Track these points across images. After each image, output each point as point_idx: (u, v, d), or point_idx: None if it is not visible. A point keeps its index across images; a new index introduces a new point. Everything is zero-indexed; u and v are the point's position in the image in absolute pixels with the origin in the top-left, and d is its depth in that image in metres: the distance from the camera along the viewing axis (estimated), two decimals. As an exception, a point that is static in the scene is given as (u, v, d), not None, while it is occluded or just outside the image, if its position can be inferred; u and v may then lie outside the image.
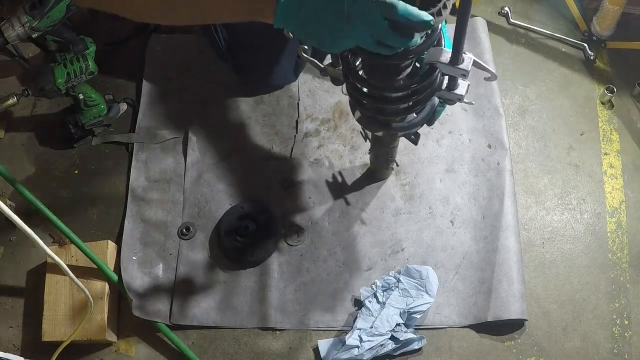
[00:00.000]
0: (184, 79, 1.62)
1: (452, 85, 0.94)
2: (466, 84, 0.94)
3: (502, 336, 1.31)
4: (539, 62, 1.67)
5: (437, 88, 0.95)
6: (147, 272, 1.38)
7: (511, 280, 1.32)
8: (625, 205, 1.47)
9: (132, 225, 1.43)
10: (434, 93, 0.96)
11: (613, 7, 1.58)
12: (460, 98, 0.95)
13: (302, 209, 1.43)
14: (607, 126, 1.57)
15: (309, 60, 1.04)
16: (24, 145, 1.57)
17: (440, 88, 0.95)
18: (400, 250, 1.38)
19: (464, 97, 0.95)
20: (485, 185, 1.44)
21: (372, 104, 0.98)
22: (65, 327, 1.29)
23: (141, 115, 1.58)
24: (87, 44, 1.38)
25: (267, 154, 1.51)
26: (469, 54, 0.86)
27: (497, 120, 1.51)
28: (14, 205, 1.47)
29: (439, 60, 0.86)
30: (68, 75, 1.36)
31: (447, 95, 0.96)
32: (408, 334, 1.26)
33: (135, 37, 1.68)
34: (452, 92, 0.95)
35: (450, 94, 0.95)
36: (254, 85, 1.58)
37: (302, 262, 1.38)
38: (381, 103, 0.96)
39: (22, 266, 1.43)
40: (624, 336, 1.32)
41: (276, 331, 1.33)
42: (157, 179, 1.49)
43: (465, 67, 0.86)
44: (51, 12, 1.20)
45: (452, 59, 0.85)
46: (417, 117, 1.03)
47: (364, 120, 1.06)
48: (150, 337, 1.34)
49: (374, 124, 1.06)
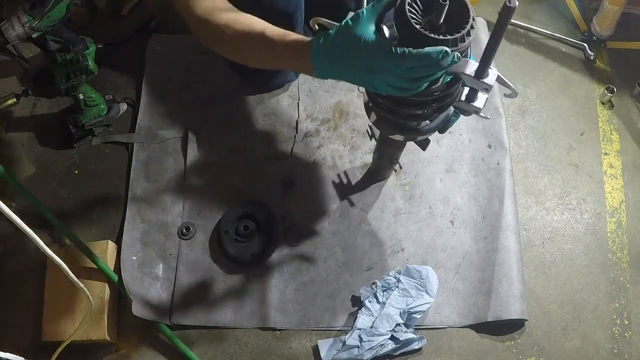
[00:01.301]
0: (184, 79, 1.62)
1: (472, 97, 0.94)
2: (485, 97, 0.93)
3: (502, 336, 1.31)
4: (539, 62, 1.67)
5: (455, 98, 0.95)
6: (147, 272, 1.38)
7: (511, 280, 1.32)
8: (625, 205, 1.47)
9: (132, 225, 1.43)
10: (453, 102, 0.95)
11: (613, 7, 1.59)
12: (477, 111, 0.94)
13: (302, 209, 1.43)
14: (607, 126, 1.57)
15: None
16: (24, 145, 1.57)
17: (459, 98, 0.95)
18: (400, 250, 1.38)
19: (482, 110, 0.94)
20: (485, 185, 1.44)
21: (390, 106, 0.97)
22: (65, 327, 1.28)
23: (141, 115, 1.57)
24: (87, 44, 1.38)
25: (267, 154, 1.51)
26: (494, 69, 0.86)
27: (497, 120, 1.51)
28: (14, 205, 1.47)
29: (464, 71, 0.86)
30: (68, 75, 1.36)
31: (464, 107, 0.95)
32: (408, 334, 1.26)
33: (135, 37, 1.69)
34: (470, 104, 0.94)
35: (468, 105, 0.94)
36: (255, 85, 1.58)
37: (302, 262, 1.38)
38: (400, 107, 0.96)
39: (22, 266, 1.43)
40: (624, 336, 1.32)
41: (276, 331, 1.33)
42: (157, 179, 1.49)
43: (489, 82, 0.86)
44: (51, 12, 1.19)
45: (477, 71, 0.85)
46: (431, 123, 1.03)
47: (380, 122, 1.06)
48: (150, 337, 1.34)
49: (389, 127, 1.05)
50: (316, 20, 0.92)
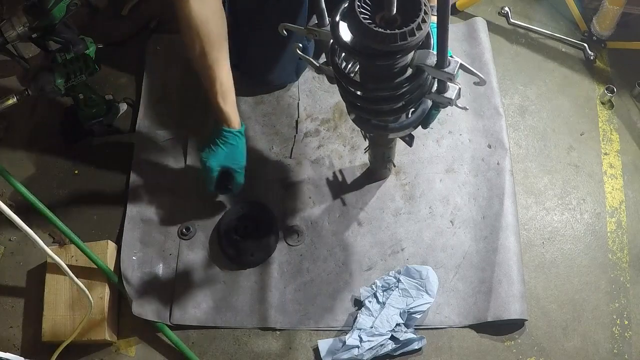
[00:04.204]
0: (184, 79, 1.62)
1: (442, 89, 0.94)
2: (456, 87, 0.93)
3: (502, 336, 1.31)
4: (539, 62, 1.67)
5: (426, 90, 0.95)
6: (147, 272, 1.38)
7: (511, 280, 1.32)
8: (625, 205, 1.47)
9: (132, 225, 1.43)
10: (422, 95, 0.95)
11: (613, 7, 1.58)
12: (449, 102, 0.94)
13: (302, 209, 1.43)
14: (607, 126, 1.57)
15: (304, 58, 1.05)
16: (24, 145, 1.57)
17: (430, 91, 0.95)
18: (400, 250, 1.38)
19: (454, 100, 0.94)
20: (485, 185, 1.44)
21: (363, 105, 0.99)
22: (65, 327, 1.29)
23: (141, 115, 1.57)
24: (87, 44, 1.38)
25: (267, 154, 1.51)
26: (456, 57, 0.86)
27: (497, 120, 1.51)
28: (14, 205, 1.47)
29: (425, 63, 0.86)
30: (68, 75, 1.35)
31: (437, 99, 0.96)
32: (408, 334, 1.26)
33: (135, 37, 1.69)
34: (442, 96, 0.95)
35: (440, 97, 0.95)
36: (256, 86, 1.58)
37: (302, 262, 1.38)
38: (370, 104, 0.97)
39: (22, 266, 1.43)
40: (624, 336, 1.32)
41: (276, 331, 1.33)
42: (157, 179, 1.49)
43: (451, 71, 0.86)
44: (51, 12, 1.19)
45: (437, 62, 0.85)
46: (408, 119, 1.03)
47: (358, 121, 1.06)
48: (150, 337, 1.34)
49: (367, 125, 1.06)
50: (284, 26, 1.02)
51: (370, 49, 0.81)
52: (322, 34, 0.96)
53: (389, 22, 0.80)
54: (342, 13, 0.86)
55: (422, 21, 0.77)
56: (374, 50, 0.81)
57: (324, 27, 0.95)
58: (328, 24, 0.95)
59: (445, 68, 0.86)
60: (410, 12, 0.79)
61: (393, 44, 0.78)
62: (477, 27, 1.64)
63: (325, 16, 0.94)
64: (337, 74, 0.96)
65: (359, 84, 0.95)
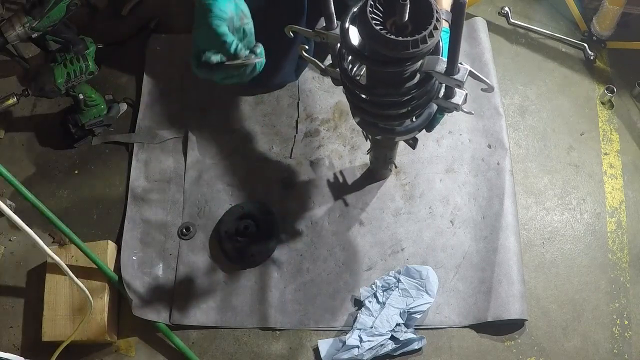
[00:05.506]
0: (184, 79, 1.62)
1: (449, 94, 0.94)
2: (463, 93, 0.93)
3: (502, 336, 1.31)
4: (539, 62, 1.67)
5: (433, 95, 0.95)
6: (147, 272, 1.38)
7: (511, 280, 1.32)
8: (625, 205, 1.47)
9: (132, 225, 1.43)
10: (430, 100, 0.96)
11: (613, 7, 1.58)
12: (456, 107, 0.95)
13: (302, 209, 1.43)
14: (607, 126, 1.57)
15: (310, 60, 1.05)
16: (24, 145, 1.57)
17: (437, 96, 0.95)
18: (400, 250, 1.38)
19: (461, 106, 0.95)
20: (485, 185, 1.44)
21: (370, 109, 0.98)
22: (65, 327, 1.29)
23: (141, 115, 1.57)
24: (87, 44, 1.38)
25: (267, 154, 1.51)
26: (465, 64, 0.86)
27: (497, 120, 1.51)
28: (14, 205, 1.47)
29: (435, 69, 0.86)
30: (68, 75, 1.36)
31: (444, 104, 0.96)
32: (408, 334, 1.26)
33: (135, 37, 1.69)
34: (448, 101, 0.95)
35: (447, 102, 0.95)
36: (256, 86, 1.58)
37: (302, 262, 1.38)
38: (378, 108, 0.97)
39: (22, 266, 1.43)
40: (624, 336, 1.32)
41: (276, 331, 1.33)
42: (157, 179, 1.49)
43: (460, 78, 0.86)
44: (51, 12, 1.20)
45: (447, 69, 0.85)
46: (414, 122, 1.03)
47: (364, 124, 1.06)
48: (150, 337, 1.34)
49: (373, 128, 1.06)
50: (291, 27, 1.00)
51: (381, 55, 0.81)
52: (330, 37, 0.95)
53: (400, 28, 0.80)
54: (352, 17, 0.85)
55: (434, 28, 0.77)
56: (384, 57, 0.81)
57: (332, 31, 0.95)
58: (336, 27, 0.95)
59: (454, 75, 0.86)
60: (422, 18, 0.79)
61: (404, 51, 0.78)
62: (477, 27, 1.64)
63: (333, 19, 0.94)
64: (346, 80, 0.95)
65: (368, 89, 0.95)
